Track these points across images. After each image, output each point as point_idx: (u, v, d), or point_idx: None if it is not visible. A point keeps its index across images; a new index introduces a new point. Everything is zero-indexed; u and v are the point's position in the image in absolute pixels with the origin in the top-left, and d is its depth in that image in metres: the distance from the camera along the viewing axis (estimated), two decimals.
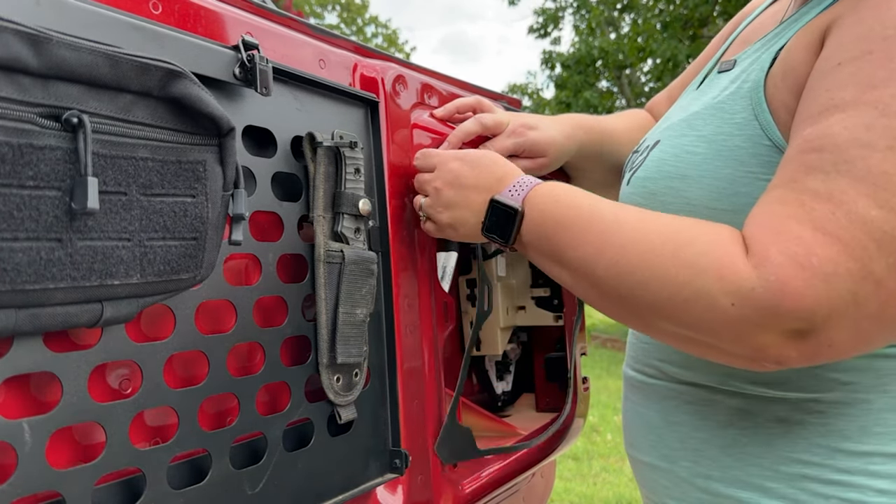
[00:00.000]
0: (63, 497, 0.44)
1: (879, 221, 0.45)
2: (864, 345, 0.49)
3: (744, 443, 0.60)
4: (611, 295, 0.56)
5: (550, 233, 0.62)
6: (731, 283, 0.48)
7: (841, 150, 0.47)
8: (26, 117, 0.39)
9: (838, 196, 0.46)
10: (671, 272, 0.52)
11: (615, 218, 0.58)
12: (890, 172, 0.45)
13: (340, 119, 0.69)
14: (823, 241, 0.46)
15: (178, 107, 0.48)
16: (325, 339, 0.63)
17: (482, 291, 0.84)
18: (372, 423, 0.70)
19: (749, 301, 0.47)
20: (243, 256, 0.60)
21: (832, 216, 0.46)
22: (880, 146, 0.46)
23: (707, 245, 0.52)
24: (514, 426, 1.02)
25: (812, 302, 0.45)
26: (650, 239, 0.54)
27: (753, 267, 0.48)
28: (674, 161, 0.63)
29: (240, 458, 0.57)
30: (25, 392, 0.48)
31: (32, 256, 0.40)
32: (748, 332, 0.48)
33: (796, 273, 0.46)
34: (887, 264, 0.45)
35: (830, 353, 0.48)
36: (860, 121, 0.47)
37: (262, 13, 0.64)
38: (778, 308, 0.46)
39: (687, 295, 0.51)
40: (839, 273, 0.45)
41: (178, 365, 0.56)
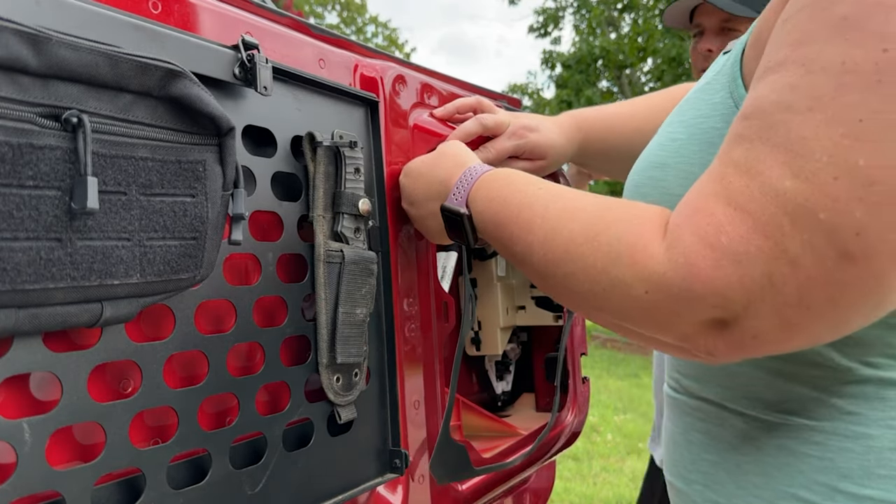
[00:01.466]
0: (63, 497, 0.44)
1: (793, 193, 0.40)
2: (796, 337, 0.43)
3: (746, 470, 0.55)
4: (551, 286, 0.55)
5: (492, 231, 0.62)
6: (644, 268, 0.45)
7: (765, 115, 0.43)
8: (26, 117, 0.39)
9: (756, 166, 0.42)
10: (589, 260, 0.49)
11: (543, 209, 0.56)
12: (807, 137, 0.40)
13: (340, 119, 0.69)
14: (735, 218, 0.42)
15: (178, 106, 0.48)
16: (325, 338, 0.63)
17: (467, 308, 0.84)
18: (372, 423, 0.70)
19: (661, 287, 0.44)
20: (243, 256, 0.60)
21: (746, 189, 0.42)
22: (801, 108, 0.41)
23: (623, 229, 0.48)
24: (514, 426, 1.02)
25: (722, 285, 0.42)
26: (571, 227, 0.52)
27: (665, 249, 0.45)
28: (657, 150, 0.61)
29: (240, 458, 0.57)
30: (25, 392, 0.48)
31: (32, 256, 0.40)
32: (667, 320, 0.45)
33: (705, 253, 0.42)
34: (802, 241, 0.40)
35: (758, 345, 0.44)
36: (786, 80, 0.43)
37: (261, 13, 0.64)
38: (689, 292, 0.43)
39: (605, 284, 0.48)
40: (750, 252, 0.41)
41: (177, 365, 0.56)
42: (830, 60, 0.41)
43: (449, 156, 0.71)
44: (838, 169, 0.39)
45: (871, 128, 0.39)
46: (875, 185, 0.38)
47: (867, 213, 0.38)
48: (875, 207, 0.38)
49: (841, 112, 0.39)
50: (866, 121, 0.39)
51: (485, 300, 1.08)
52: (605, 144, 0.93)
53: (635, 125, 0.92)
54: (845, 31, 0.41)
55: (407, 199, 0.74)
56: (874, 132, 0.39)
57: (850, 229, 0.39)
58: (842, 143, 0.39)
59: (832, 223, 0.39)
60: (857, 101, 0.39)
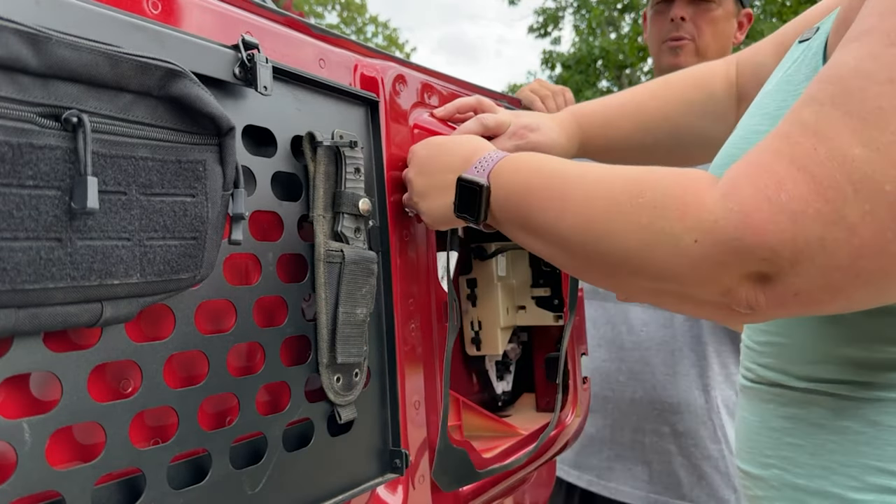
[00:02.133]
0: (63, 497, 0.44)
1: (860, 161, 0.40)
2: (838, 299, 0.44)
3: (832, 449, 0.55)
4: (579, 254, 0.54)
5: (517, 201, 0.61)
6: (694, 217, 0.45)
7: (842, 81, 0.42)
8: (26, 117, 0.39)
9: (825, 130, 0.42)
10: (633, 217, 0.49)
11: (579, 174, 0.56)
12: (884, 108, 0.40)
13: (340, 118, 0.69)
14: (797, 177, 0.41)
15: (178, 106, 0.48)
16: (326, 338, 0.63)
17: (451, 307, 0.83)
18: (372, 423, 0.70)
19: (711, 235, 0.44)
20: (243, 256, 0.60)
21: (813, 151, 0.41)
22: (881, 78, 0.41)
23: (672, 184, 0.48)
24: (515, 426, 1.02)
25: (775, 239, 0.42)
26: (612, 187, 0.52)
27: (719, 197, 0.44)
28: (740, 143, 0.59)
29: (240, 458, 0.57)
30: (25, 392, 0.48)
31: (32, 256, 0.40)
32: (712, 272, 0.45)
33: (761, 206, 0.42)
34: (863, 211, 0.40)
35: (798, 303, 0.44)
36: (868, 49, 0.42)
37: (262, 13, 0.64)
38: (740, 242, 0.43)
39: (649, 238, 0.48)
40: (808, 213, 0.41)
41: (178, 365, 0.56)
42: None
43: (473, 140, 0.71)
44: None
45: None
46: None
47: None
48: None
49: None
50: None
51: (485, 300, 1.08)
52: (606, 140, 0.92)
53: (636, 118, 0.91)
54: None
55: (418, 168, 0.72)
56: None
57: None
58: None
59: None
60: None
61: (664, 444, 1.38)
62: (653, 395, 1.39)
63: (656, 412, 1.39)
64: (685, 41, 1.43)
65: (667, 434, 1.38)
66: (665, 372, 1.39)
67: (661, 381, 1.39)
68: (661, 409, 1.38)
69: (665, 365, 1.39)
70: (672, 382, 1.38)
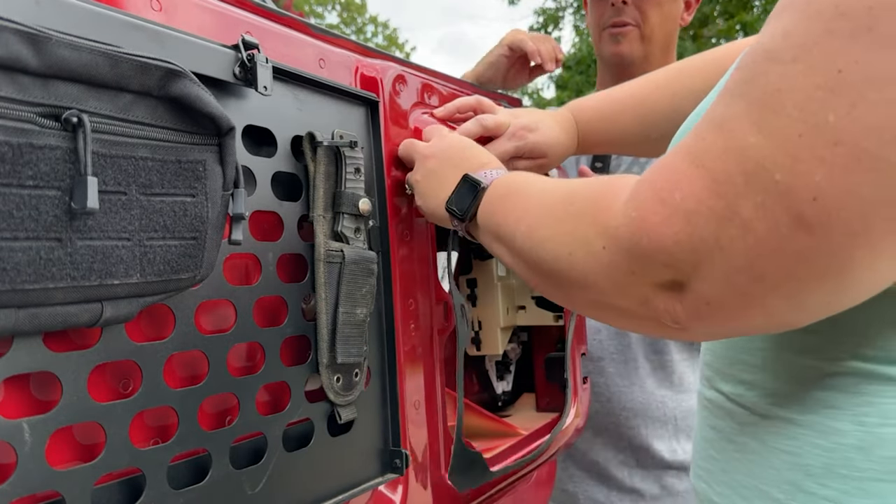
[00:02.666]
0: (63, 497, 0.44)
1: (753, 150, 0.36)
2: (753, 308, 0.40)
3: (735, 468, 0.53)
4: (528, 262, 0.55)
5: (495, 206, 0.62)
6: (602, 223, 0.44)
7: (751, 67, 0.39)
8: (26, 117, 0.39)
9: (728, 123, 0.39)
10: (563, 224, 0.49)
11: (542, 187, 0.57)
12: (783, 90, 0.36)
13: (341, 118, 0.69)
14: (693, 175, 0.39)
15: (178, 106, 0.48)
16: (326, 338, 0.63)
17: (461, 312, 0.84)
18: (372, 423, 0.70)
19: (615, 241, 0.43)
20: (243, 256, 0.60)
21: (712, 146, 0.39)
22: (786, 57, 0.37)
23: (598, 191, 0.47)
24: (515, 426, 1.02)
25: (670, 241, 0.39)
26: (556, 197, 0.52)
27: (623, 203, 0.43)
28: (691, 121, 0.58)
29: (240, 458, 0.57)
30: (25, 392, 0.48)
31: (32, 256, 0.40)
32: (624, 279, 0.44)
33: (656, 208, 0.40)
34: (755, 203, 0.36)
35: (714, 313, 0.41)
36: (782, 27, 0.38)
37: (262, 13, 0.64)
38: (639, 247, 0.41)
39: (571, 245, 0.47)
40: (701, 211, 0.38)
41: (178, 365, 0.56)
42: (827, 3, 0.36)
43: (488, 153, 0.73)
44: (805, 124, 0.35)
45: (849, 80, 0.34)
46: (840, 145, 0.34)
47: (827, 176, 0.35)
48: (837, 171, 0.34)
49: (821, 61, 0.35)
50: (845, 72, 0.35)
51: (485, 300, 1.08)
52: (607, 135, 0.91)
53: (638, 112, 0.89)
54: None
55: (441, 153, 0.72)
56: (851, 85, 0.34)
57: (807, 193, 0.35)
58: (814, 96, 0.35)
59: (788, 185, 0.35)
60: (841, 48, 0.35)
61: (623, 456, 1.33)
62: (608, 406, 1.33)
63: (613, 425, 1.33)
64: (629, 27, 1.29)
65: (624, 448, 1.32)
66: (620, 384, 1.32)
67: (615, 393, 1.32)
68: (617, 424, 1.33)
69: (620, 376, 1.33)
70: (628, 394, 1.32)
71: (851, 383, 0.46)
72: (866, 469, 0.44)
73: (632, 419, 1.32)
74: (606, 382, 1.34)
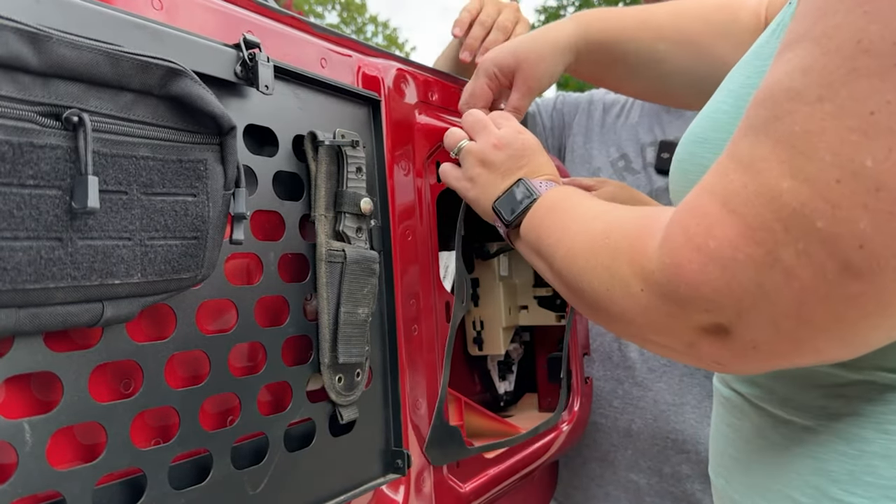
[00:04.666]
0: (64, 497, 0.44)
1: (789, 196, 0.35)
2: (804, 350, 0.39)
3: (755, 469, 0.52)
4: (570, 289, 0.54)
5: (539, 220, 0.62)
6: (638, 265, 0.43)
7: (775, 104, 0.38)
8: (26, 116, 0.39)
9: (758, 164, 0.37)
10: (600, 258, 0.48)
11: (585, 208, 0.56)
12: (812, 131, 0.35)
13: (342, 118, 0.69)
14: (726, 221, 0.38)
15: (179, 105, 0.48)
16: (327, 338, 0.63)
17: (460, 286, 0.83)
18: (374, 423, 0.70)
19: (652, 285, 0.42)
20: (245, 256, 0.60)
21: (743, 189, 0.38)
22: (811, 97, 0.36)
23: (631, 226, 0.47)
24: (517, 426, 1.01)
25: (709, 290, 0.38)
26: (598, 226, 0.51)
27: (657, 247, 0.42)
28: (702, 121, 0.55)
29: (241, 459, 0.57)
30: (26, 392, 0.48)
31: (33, 256, 0.39)
32: (665, 323, 0.43)
33: (691, 256, 0.39)
34: (797, 251, 0.35)
35: (761, 357, 0.40)
36: (801, 62, 0.37)
37: (263, 12, 0.64)
38: (677, 295, 0.40)
39: (609, 281, 0.47)
40: (738, 259, 0.37)
41: (179, 364, 0.56)
42: (846, 38, 0.35)
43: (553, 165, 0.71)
44: (842, 170, 0.34)
45: (884, 122, 0.33)
46: (882, 190, 0.33)
47: (872, 223, 0.33)
48: (882, 217, 0.33)
49: (851, 102, 0.34)
50: (878, 113, 0.33)
51: (487, 300, 1.07)
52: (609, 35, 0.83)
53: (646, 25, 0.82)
54: (864, 2, 0.34)
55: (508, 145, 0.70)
56: (887, 127, 0.33)
57: (852, 241, 0.34)
58: (849, 140, 0.34)
59: (832, 233, 0.34)
60: (870, 88, 0.34)
61: (665, 485, 1.15)
62: (654, 427, 1.15)
63: (657, 448, 1.15)
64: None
65: (668, 475, 1.14)
66: (670, 401, 1.14)
67: (664, 411, 1.14)
68: (663, 447, 1.14)
69: (671, 392, 1.14)
70: (678, 414, 1.13)
71: (875, 391, 0.45)
72: (891, 477, 0.44)
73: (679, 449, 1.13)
74: (654, 399, 1.16)
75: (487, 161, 0.70)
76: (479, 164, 0.71)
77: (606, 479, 1.21)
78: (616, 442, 1.19)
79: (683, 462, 1.13)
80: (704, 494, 1.12)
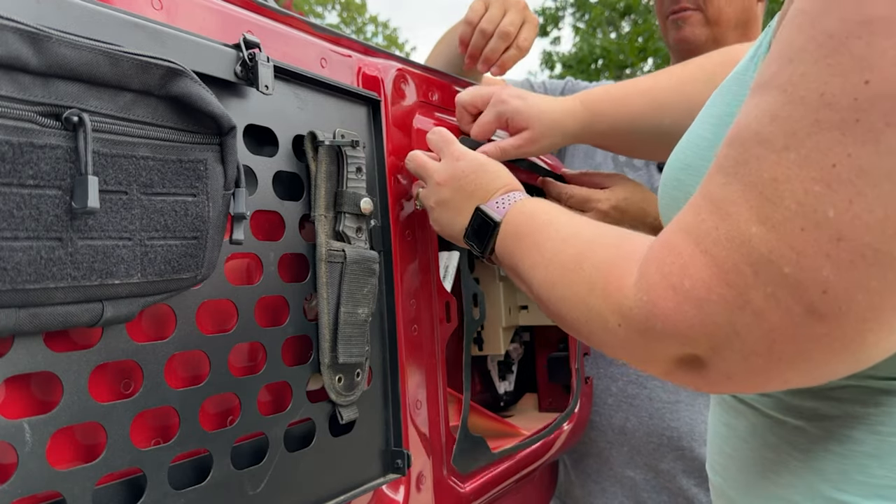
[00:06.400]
0: (64, 497, 0.44)
1: (757, 241, 0.37)
2: (773, 381, 0.41)
3: (749, 469, 0.53)
4: (551, 313, 0.55)
5: (511, 244, 0.62)
6: (615, 301, 0.45)
7: (744, 148, 0.39)
8: (26, 116, 0.39)
9: (727, 207, 0.39)
10: (576, 288, 0.49)
11: (553, 229, 0.56)
12: (779, 179, 0.37)
13: (342, 118, 0.69)
14: (700, 261, 0.39)
15: (179, 105, 0.48)
16: (327, 338, 0.63)
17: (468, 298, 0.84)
18: (374, 424, 0.70)
19: (630, 322, 0.43)
20: (245, 256, 0.60)
21: (715, 231, 0.39)
22: (777, 145, 0.37)
23: (603, 258, 0.48)
24: (517, 426, 1.01)
25: (684, 326, 0.40)
26: (569, 252, 0.52)
27: (633, 283, 0.44)
28: (686, 148, 0.56)
29: (241, 459, 0.57)
30: (26, 392, 0.48)
31: (33, 256, 0.39)
32: (644, 354, 0.44)
33: (667, 294, 0.41)
34: (765, 294, 0.37)
35: (736, 386, 0.43)
36: (768, 108, 0.39)
37: (263, 12, 0.64)
38: (654, 331, 0.42)
39: (587, 313, 0.48)
40: (711, 300, 0.39)
41: (179, 365, 0.56)
42: (810, 89, 0.36)
43: (507, 176, 0.71)
44: (806, 219, 0.36)
45: (844, 175, 0.35)
46: (843, 240, 0.35)
47: (834, 271, 0.35)
48: (843, 266, 0.35)
49: (815, 153, 0.36)
50: (839, 166, 0.35)
51: (487, 300, 1.07)
52: (614, 118, 0.87)
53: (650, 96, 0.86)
54: (828, 54, 0.36)
55: (452, 181, 0.71)
56: (847, 180, 0.35)
57: (816, 287, 0.36)
58: (812, 190, 0.36)
59: (797, 279, 0.36)
60: (832, 141, 0.35)
61: (661, 481, 1.17)
62: (648, 425, 1.17)
63: (652, 446, 1.17)
64: (688, 12, 1.21)
65: (663, 472, 1.16)
66: (664, 399, 1.16)
67: (658, 409, 1.16)
68: (658, 444, 1.16)
69: (665, 390, 1.16)
70: (672, 412, 1.15)
71: (866, 394, 0.47)
72: (882, 476, 0.45)
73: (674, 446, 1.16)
74: (650, 396, 1.17)
75: (440, 201, 0.72)
76: (436, 207, 0.73)
77: (603, 474, 1.23)
78: (611, 439, 1.20)
79: (678, 459, 1.14)
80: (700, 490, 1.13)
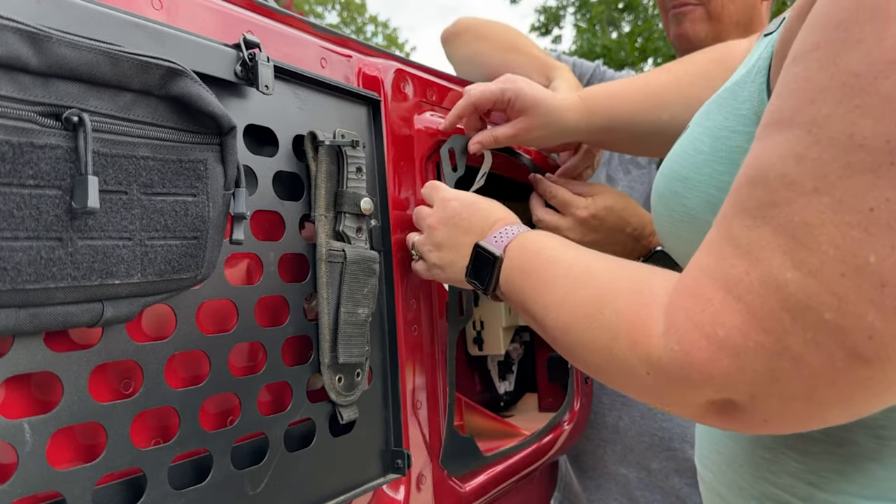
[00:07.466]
0: (64, 497, 0.44)
1: (793, 287, 0.36)
2: (811, 423, 0.41)
3: (741, 463, 0.53)
4: (566, 353, 0.53)
5: (518, 281, 0.60)
6: (643, 350, 0.43)
7: (770, 189, 0.38)
8: (26, 116, 0.39)
9: (757, 252, 0.38)
10: (596, 334, 0.47)
11: (565, 270, 0.54)
12: (811, 223, 0.36)
13: (342, 118, 0.69)
14: (732, 308, 0.38)
15: (179, 105, 0.48)
16: (327, 338, 0.63)
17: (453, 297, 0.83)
18: (374, 424, 0.70)
19: (660, 371, 0.42)
20: (245, 256, 0.60)
21: (746, 277, 0.38)
22: (806, 188, 0.36)
23: (625, 304, 0.46)
24: (517, 426, 1.01)
25: (720, 374, 0.39)
26: (583, 294, 0.50)
27: (662, 333, 0.42)
28: (680, 159, 0.55)
29: (241, 459, 0.57)
30: (26, 392, 0.48)
31: (33, 256, 0.39)
32: (675, 401, 0.43)
33: (701, 344, 0.39)
34: (805, 339, 0.36)
35: (771, 429, 0.42)
36: (793, 148, 0.37)
37: (263, 12, 0.64)
38: (688, 380, 0.40)
39: (609, 360, 0.46)
40: (749, 347, 0.38)
41: (179, 365, 0.56)
42: (838, 130, 0.35)
43: (500, 210, 0.70)
44: (846, 265, 0.34)
45: (884, 219, 0.34)
46: (888, 286, 0.34)
47: (880, 317, 0.34)
48: (889, 311, 0.34)
49: (849, 197, 0.35)
50: (878, 211, 0.34)
51: (487, 300, 1.07)
52: (611, 114, 0.86)
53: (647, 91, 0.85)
54: (855, 94, 0.35)
55: (447, 221, 0.70)
56: (887, 225, 0.33)
57: (861, 332, 0.35)
58: (850, 235, 0.34)
59: (839, 324, 0.35)
60: (867, 185, 0.34)
61: (653, 480, 1.17)
62: (641, 424, 1.17)
63: (644, 445, 1.17)
64: (689, 7, 1.19)
65: (656, 471, 1.16)
66: None
67: (651, 409, 1.16)
68: (650, 444, 1.16)
69: None
70: (664, 412, 1.10)
71: None
72: (884, 478, 0.45)
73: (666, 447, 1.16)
74: None
75: (437, 244, 0.71)
76: (434, 250, 0.72)
77: (598, 471, 1.24)
78: (605, 437, 1.21)
79: (670, 459, 1.14)
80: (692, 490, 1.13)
